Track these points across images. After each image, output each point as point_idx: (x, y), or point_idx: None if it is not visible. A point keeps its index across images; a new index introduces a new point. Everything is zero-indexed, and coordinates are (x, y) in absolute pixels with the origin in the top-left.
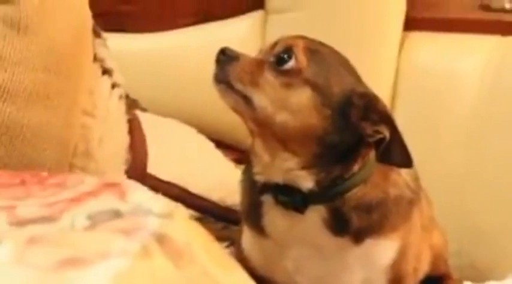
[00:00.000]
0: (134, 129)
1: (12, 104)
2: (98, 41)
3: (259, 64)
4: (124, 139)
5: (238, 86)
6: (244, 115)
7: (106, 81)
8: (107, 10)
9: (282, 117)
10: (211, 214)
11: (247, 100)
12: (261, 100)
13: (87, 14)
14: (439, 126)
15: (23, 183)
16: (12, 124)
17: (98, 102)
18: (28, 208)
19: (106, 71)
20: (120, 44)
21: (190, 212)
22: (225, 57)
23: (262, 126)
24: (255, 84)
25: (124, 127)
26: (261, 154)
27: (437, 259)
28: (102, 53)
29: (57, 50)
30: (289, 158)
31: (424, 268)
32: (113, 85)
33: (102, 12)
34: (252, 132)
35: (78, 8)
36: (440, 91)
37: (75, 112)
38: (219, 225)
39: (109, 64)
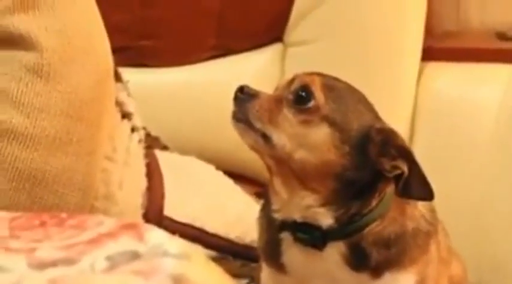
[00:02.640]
0: (152, 172)
1: (35, 151)
2: (118, 85)
3: (277, 102)
4: (142, 183)
5: (258, 125)
6: (263, 153)
7: (126, 125)
8: (128, 45)
9: (301, 155)
10: (230, 253)
11: (266, 138)
12: (280, 138)
13: (109, 59)
14: (458, 155)
15: (42, 224)
16: (35, 170)
17: (117, 146)
18: (48, 251)
19: (125, 115)
20: (140, 79)
21: (208, 252)
22: (244, 96)
23: (281, 164)
24: (274, 122)
25: (142, 171)
26: (279, 191)
27: None
28: (122, 97)
29: (80, 96)
30: (308, 195)
31: None
32: (133, 129)
33: (123, 47)
34: (269, 170)
35: (100, 53)
36: (459, 121)
37: (97, 157)
38: (238, 263)
39: (129, 108)
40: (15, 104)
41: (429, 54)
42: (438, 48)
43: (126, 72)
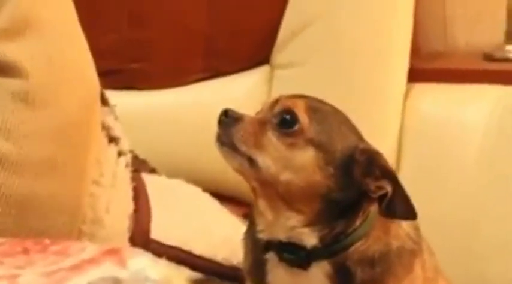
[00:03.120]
0: (139, 196)
1: (21, 176)
2: (105, 109)
3: (261, 125)
4: (129, 206)
5: (243, 148)
6: (248, 176)
7: (112, 149)
8: (116, 68)
9: (286, 177)
10: (216, 274)
11: (251, 161)
12: (266, 161)
13: (96, 84)
14: (445, 176)
15: (25, 251)
16: (21, 196)
17: (104, 170)
18: (30, 277)
19: (112, 139)
20: (128, 101)
21: (195, 274)
22: (228, 119)
23: (266, 186)
24: (259, 146)
25: (129, 195)
26: (264, 212)
27: None
28: (108, 121)
29: (66, 122)
30: (293, 216)
31: None
32: (119, 153)
33: (111, 70)
34: (254, 192)
35: (86, 78)
36: (446, 141)
37: (84, 181)
38: None
39: (116, 132)
40: (1, 131)
41: (416, 75)
42: (425, 69)
43: (115, 95)
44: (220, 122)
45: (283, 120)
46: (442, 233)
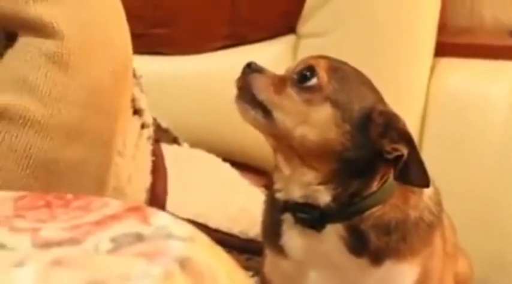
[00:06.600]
0: (157, 170)
1: (51, 140)
2: (132, 80)
3: (281, 80)
4: (146, 180)
5: (261, 96)
6: (263, 130)
7: (136, 121)
8: (140, 33)
9: (301, 131)
10: (233, 247)
11: (266, 114)
12: (281, 114)
13: (129, 53)
14: (468, 151)
15: (47, 205)
16: (49, 159)
17: (127, 141)
18: (52, 231)
19: (137, 111)
20: (153, 66)
21: None
22: (250, 70)
23: (282, 141)
24: (276, 97)
25: (148, 168)
26: (281, 168)
27: None
28: (135, 92)
29: (98, 88)
30: (308, 172)
31: None
32: (143, 126)
33: (135, 35)
34: (273, 148)
35: (121, 47)
36: (470, 117)
37: (112, 149)
38: (242, 257)
39: (141, 104)
40: (33, 93)
41: (442, 49)
42: (451, 43)
43: (139, 59)
44: (243, 72)
45: (303, 76)
46: (463, 208)
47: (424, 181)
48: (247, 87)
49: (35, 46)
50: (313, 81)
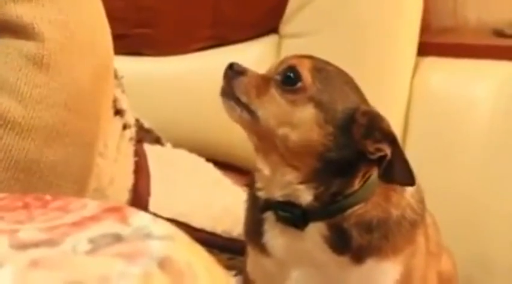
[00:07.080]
0: (140, 170)
1: (31, 141)
2: (113, 81)
3: (264, 80)
4: (129, 180)
5: (244, 99)
6: (247, 128)
7: (118, 121)
8: (122, 33)
9: (283, 131)
10: (216, 247)
11: (251, 114)
12: (265, 113)
13: (111, 54)
14: (452, 151)
15: (26, 206)
16: (30, 161)
17: (109, 142)
18: (30, 232)
19: (118, 112)
20: (134, 67)
21: None
22: (233, 72)
23: (265, 140)
24: (260, 98)
25: (130, 168)
26: (263, 168)
27: None
28: (116, 93)
29: (79, 89)
30: (289, 172)
31: None
32: (124, 126)
33: (117, 36)
34: (255, 147)
35: (102, 48)
36: (454, 117)
37: (93, 150)
38: (225, 256)
39: (122, 105)
40: (13, 94)
41: (425, 49)
42: (434, 43)
43: (120, 60)
44: (225, 74)
45: (287, 77)
46: (446, 208)
47: (410, 180)
48: (231, 90)
49: (15, 47)
50: (297, 82)
